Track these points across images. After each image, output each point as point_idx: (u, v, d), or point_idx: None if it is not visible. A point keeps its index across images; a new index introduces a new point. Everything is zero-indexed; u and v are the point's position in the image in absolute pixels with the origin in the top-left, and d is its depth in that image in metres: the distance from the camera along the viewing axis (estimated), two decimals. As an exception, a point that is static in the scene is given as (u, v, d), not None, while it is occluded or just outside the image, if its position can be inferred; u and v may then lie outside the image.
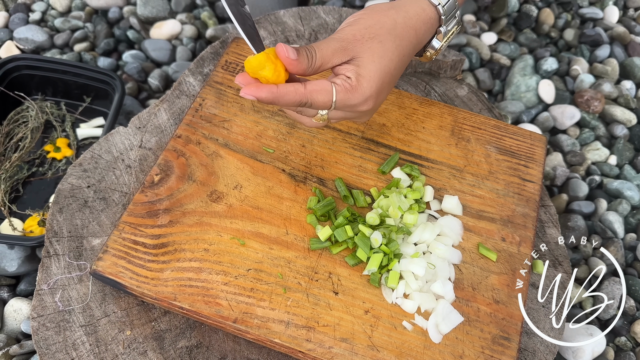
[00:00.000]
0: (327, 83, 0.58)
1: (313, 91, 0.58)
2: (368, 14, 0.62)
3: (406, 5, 0.64)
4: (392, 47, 0.61)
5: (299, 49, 0.57)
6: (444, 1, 0.65)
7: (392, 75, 0.62)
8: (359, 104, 0.60)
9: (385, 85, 0.62)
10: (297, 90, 0.57)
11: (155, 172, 0.73)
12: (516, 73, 1.21)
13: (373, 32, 0.60)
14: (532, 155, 0.80)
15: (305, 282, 0.67)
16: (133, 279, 0.66)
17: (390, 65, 0.61)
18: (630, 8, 1.38)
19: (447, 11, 0.65)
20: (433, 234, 0.70)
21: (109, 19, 1.26)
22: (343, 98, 0.59)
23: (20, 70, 1.02)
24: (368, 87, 0.59)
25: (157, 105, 0.84)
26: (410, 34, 0.63)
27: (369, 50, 0.59)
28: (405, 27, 0.62)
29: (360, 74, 0.59)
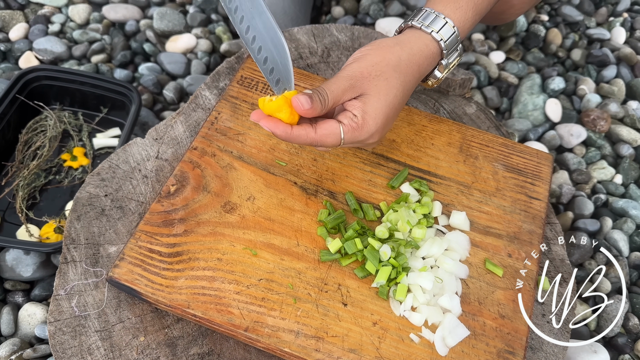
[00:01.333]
0: (336, 126, 0.63)
1: (323, 135, 0.64)
2: (374, 50, 0.66)
3: (410, 41, 0.68)
4: (397, 83, 0.65)
5: (312, 97, 0.62)
6: (446, 37, 0.68)
7: (396, 108, 0.66)
8: (366, 139, 0.66)
9: (390, 119, 0.67)
10: (308, 134, 0.64)
11: (172, 183, 0.76)
12: (524, 91, 1.23)
13: (379, 69, 0.64)
14: (539, 173, 0.82)
15: (315, 293, 0.68)
16: (148, 286, 0.68)
17: (394, 101, 0.65)
18: (637, 29, 1.40)
19: (449, 46, 0.69)
20: (441, 249, 0.72)
21: (125, 32, 1.29)
22: (350, 137, 0.64)
23: (39, 80, 1.05)
24: (374, 124, 0.64)
25: (173, 117, 0.87)
26: (413, 69, 0.67)
27: (376, 87, 0.64)
28: (409, 64, 0.66)
29: (366, 111, 0.64)
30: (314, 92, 0.63)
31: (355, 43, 0.97)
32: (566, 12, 1.39)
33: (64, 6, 1.33)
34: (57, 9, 1.33)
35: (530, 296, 0.71)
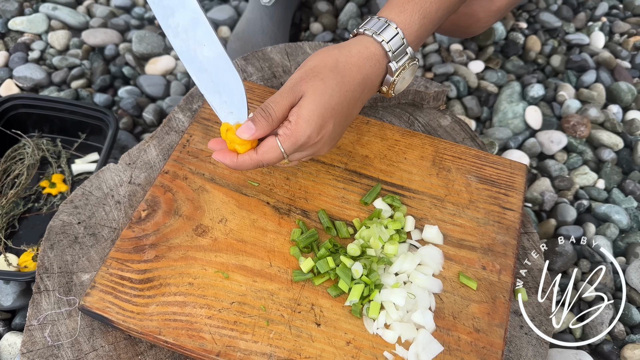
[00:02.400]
0: (272, 140, 0.64)
1: (263, 153, 0.65)
2: (314, 55, 0.67)
3: (350, 44, 0.68)
4: (333, 83, 0.65)
5: (256, 117, 0.64)
6: (388, 38, 0.68)
7: (334, 109, 0.66)
8: (305, 142, 0.65)
9: (329, 119, 0.66)
10: (251, 158, 0.66)
11: (143, 208, 0.76)
12: (503, 100, 1.23)
13: (317, 70, 0.65)
14: (512, 183, 0.82)
15: (288, 314, 0.68)
16: (119, 313, 0.67)
17: (330, 101, 0.65)
18: (615, 33, 1.40)
19: (393, 48, 0.68)
20: (413, 264, 0.71)
21: (105, 56, 1.30)
22: (289, 145, 0.64)
23: (17, 109, 1.05)
24: (307, 126, 0.64)
25: (147, 141, 0.87)
26: (352, 70, 0.67)
27: (312, 87, 0.64)
28: (346, 64, 0.67)
29: (299, 115, 0.64)
30: (257, 110, 0.64)
31: (328, 60, 0.97)
32: (544, 19, 1.40)
33: (44, 33, 1.34)
34: (37, 36, 1.34)
35: (505, 309, 0.71)
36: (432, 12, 0.70)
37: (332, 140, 0.69)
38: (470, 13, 0.93)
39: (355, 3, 1.39)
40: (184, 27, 0.69)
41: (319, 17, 1.38)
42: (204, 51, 0.68)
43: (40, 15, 1.35)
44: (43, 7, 1.36)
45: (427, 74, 1.28)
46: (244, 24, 1.28)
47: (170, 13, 0.69)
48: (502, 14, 0.95)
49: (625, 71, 1.30)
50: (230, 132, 0.66)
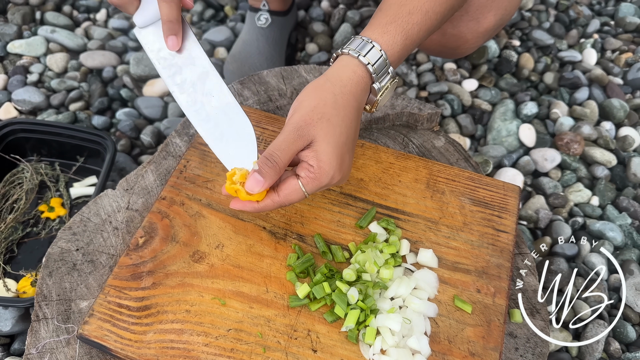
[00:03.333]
0: (295, 182, 0.65)
1: (286, 195, 0.66)
2: (309, 94, 0.68)
3: (339, 72, 0.69)
4: (339, 120, 0.66)
5: (263, 168, 0.64)
6: (373, 60, 0.69)
7: (346, 144, 0.67)
8: (328, 182, 0.67)
9: (345, 155, 0.67)
10: (274, 201, 0.67)
11: (140, 235, 0.76)
12: (497, 118, 1.24)
13: (319, 112, 0.66)
14: (506, 205, 0.83)
15: (285, 341, 0.69)
16: (117, 341, 0.68)
17: (341, 139, 0.66)
18: (607, 50, 1.42)
19: (377, 69, 0.69)
20: (409, 288, 0.72)
21: (103, 78, 1.31)
22: (312, 186, 0.66)
23: (16, 133, 1.06)
24: (330, 168, 0.65)
25: (144, 166, 0.88)
26: (350, 100, 0.68)
27: (322, 131, 0.65)
28: (343, 96, 0.68)
29: (320, 159, 0.65)
30: (262, 161, 0.64)
31: (323, 83, 0.99)
32: (537, 37, 1.42)
33: (42, 55, 1.36)
34: (35, 59, 1.35)
35: (500, 332, 0.71)
36: (414, 33, 0.71)
37: (349, 169, 0.71)
38: (458, 35, 0.94)
39: (350, 24, 1.41)
40: (191, 82, 0.72)
41: (315, 37, 1.40)
42: (212, 101, 0.71)
43: (39, 38, 1.37)
44: (41, 30, 1.38)
45: (422, 92, 1.30)
46: (241, 45, 1.30)
47: (178, 71, 0.72)
48: (489, 36, 0.96)
49: (617, 88, 1.32)
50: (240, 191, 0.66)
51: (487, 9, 0.91)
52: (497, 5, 0.91)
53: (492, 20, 0.92)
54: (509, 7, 0.93)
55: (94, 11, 1.48)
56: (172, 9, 0.69)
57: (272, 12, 1.30)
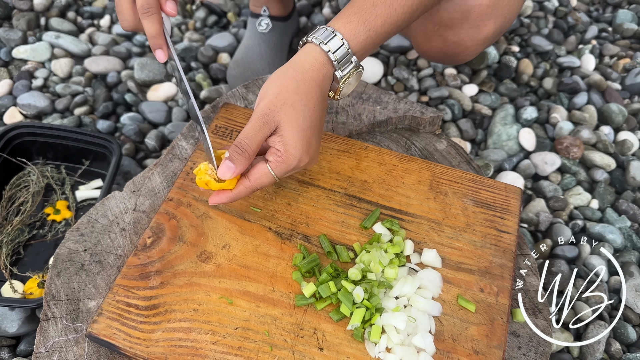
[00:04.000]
0: (264, 166, 0.70)
1: (257, 179, 0.70)
2: (273, 81, 0.71)
3: (301, 60, 0.72)
4: (302, 105, 0.69)
5: (233, 155, 0.68)
6: (334, 48, 0.71)
7: (311, 127, 0.70)
8: (296, 165, 0.70)
9: (311, 139, 0.71)
10: (246, 186, 0.70)
11: (148, 235, 0.77)
12: (497, 122, 1.26)
13: (282, 98, 0.69)
14: (508, 207, 0.84)
15: (291, 339, 0.69)
16: (126, 340, 0.69)
17: (306, 122, 0.69)
18: (605, 56, 1.44)
19: (339, 58, 0.72)
20: (413, 288, 0.73)
21: (107, 83, 1.32)
22: (281, 169, 0.70)
23: (22, 137, 1.07)
24: (296, 151, 0.69)
25: (151, 169, 0.89)
26: (312, 85, 0.71)
27: (286, 116, 0.68)
28: (305, 82, 0.70)
29: (286, 143, 0.68)
30: (232, 149, 0.68)
31: (327, 87, 1.00)
32: (536, 42, 1.43)
33: (47, 61, 1.37)
34: (40, 64, 1.37)
35: (503, 330, 0.72)
36: (378, 25, 0.73)
37: (317, 153, 0.74)
38: (458, 42, 0.96)
39: (352, 29, 1.42)
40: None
41: (317, 43, 1.41)
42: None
43: (44, 44, 1.38)
44: (46, 36, 1.39)
45: (423, 97, 1.31)
46: (243, 50, 1.31)
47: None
48: (489, 42, 0.98)
49: (615, 93, 1.33)
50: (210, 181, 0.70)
51: (487, 17, 0.92)
52: (497, 14, 0.92)
53: (492, 27, 0.94)
54: (508, 15, 0.95)
55: (98, 17, 1.50)
56: (154, 24, 0.73)
57: (273, 18, 1.32)
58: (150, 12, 0.73)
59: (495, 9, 0.91)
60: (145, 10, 0.73)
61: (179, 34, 1.46)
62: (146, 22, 0.73)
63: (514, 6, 0.94)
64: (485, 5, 0.90)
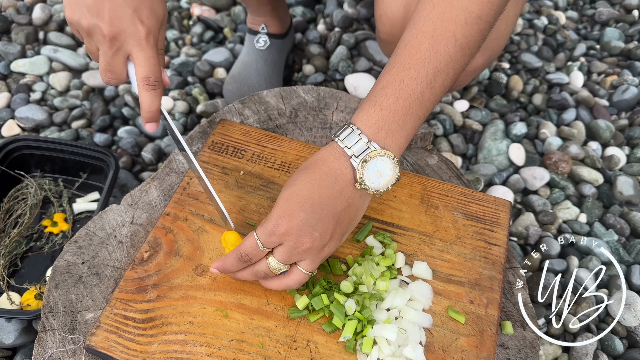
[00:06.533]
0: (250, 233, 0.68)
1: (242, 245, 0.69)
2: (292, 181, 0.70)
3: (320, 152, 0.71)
4: (302, 176, 0.68)
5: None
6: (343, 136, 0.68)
7: (301, 197, 0.66)
8: (274, 229, 0.65)
9: (297, 207, 0.65)
10: (231, 252, 0.70)
11: (145, 249, 0.79)
12: (487, 138, 1.28)
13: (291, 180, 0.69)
14: (497, 219, 0.86)
15: (285, 351, 0.71)
16: (123, 352, 0.70)
17: (298, 190, 0.66)
18: (593, 73, 1.47)
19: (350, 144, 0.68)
20: (404, 300, 0.75)
21: (105, 97, 1.34)
22: (262, 232, 0.66)
23: (20, 150, 1.09)
24: (274, 212, 0.66)
25: (148, 182, 0.91)
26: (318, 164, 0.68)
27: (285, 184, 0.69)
28: (315, 162, 0.69)
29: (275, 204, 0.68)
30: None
31: (321, 103, 1.03)
32: (526, 59, 1.47)
33: (45, 74, 1.39)
34: (38, 78, 1.39)
35: (492, 341, 0.74)
36: (390, 103, 0.68)
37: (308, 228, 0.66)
38: None
39: (346, 46, 1.45)
40: None
41: (311, 59, 1.44)
42: None
43: (42, 58, 1.40)
44: (44, 50, 1.42)
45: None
46: (240, 66, 1.34)
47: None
48: (478, 73, 1.01)
49: (603, 109, 1.37)
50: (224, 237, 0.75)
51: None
52: (485, 47, 0.95)
53: (480, 61, 0.97)
54: (496, 48, 0.98)
55: (96, 32, 1.52)
56: (154, 100, 0.72)
57: (271, 35, 1.34)
58: (156, 86, 0.70)
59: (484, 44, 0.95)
60: (152, 84, 0.70)
61: (175, 49, 1.48)
62: (148, 96, 0.70)
63: (502, 39, 0.98)
64: None
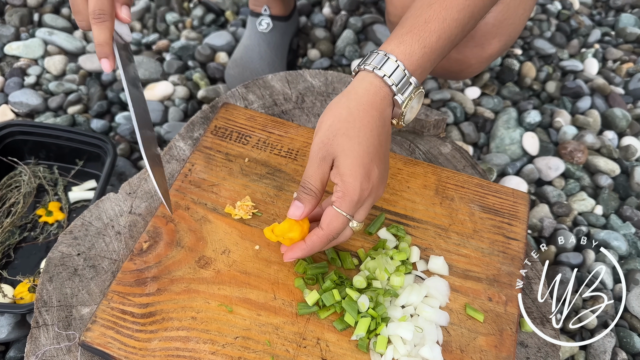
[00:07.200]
0: (330, 209, 0.65)
1: (328, 225, 0.65)
2: (326, 113, 0.67)
3: (355, 86, 0.67)
4: (356, 131, 0.64)
5: (300, 195, 0.66)
6: (389, 71, 0.66)
7: (368, 153, 0.64)
8: (360, 196, 0.64)
9: (369, 164, 0.65)
10: (319, 235, 0.65)
11: (144, 240, 0.74)
12: (500, 126, 1.24)
13: (335, 129, 0.65)
14: (516, 213, 0.82)
15: (294, 349, 0.67)
16: (121, 349, 0.66)
17: (361, 148, 0.64)
18: (609, 60, 1.42)
19: (396, 80, 0.67)
20: (420, 296, 0.71)
21: (102, 82, 1.29)
22: (348, 205, 0.64)
23: (13, 136, 1.04)
24: (354, 180, 0.63)
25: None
26: (367, 109, 0.66)
27: (339, 147, 0.64)
28: (359, 107, 0.66)
29: (342, 173, 0.64)
30: (299, 191, 0.66)
31: (329, 88, 0.98)
32: (539, 46, 1.42)
33: (40, 58, 1.33)
34: (33, 61, 1.33)
35: (512, 341, 0.70)
36: (433, 41, 0.69)
37: (383, 180, 0.68)
38: (462, 59, 0.94)
39: (353, 30, 1.40)
40: None
41: (317, 43, 1.39)
42: None
43: (37, 40, 1.35)
44: (39, 32, 1.36)
45: (424, 100, 1.29)
46: (242, 50, 1.28)
47: None
48: (492, 60, 0.96)
49: (619, 97, 1.32)
50: (276, 229, 0.66)
51: (492, 36, 0.91)
52: (502, 32, 0.91)
53: (496, 46, 0.93)
54: (513, 34, 0.93)
55: (93, 14, 1.46)
56: (103, 32, 0.69)
57: (274, 17, 1.29)
58: (102, 18, 0.68)
59: (500, 28, 0.90)
60: (97, 17, 0.68)
61: (175, 32, 1.43)
62: (95, 29, 0.69)
63: (519, 24, 0.93)
64: (491, 24, 0.89)
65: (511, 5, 0.88)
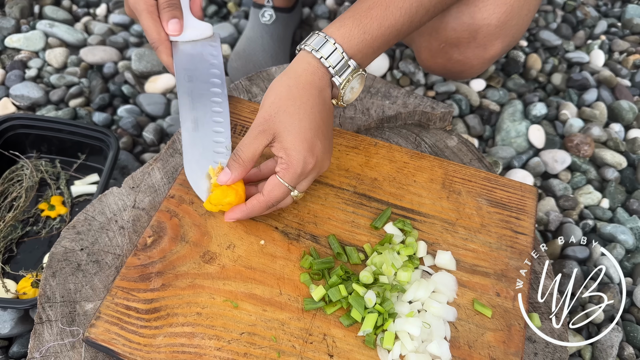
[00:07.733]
0: (273, 177, 0.69)
1: (269, 192, 0.69)
2: (268, 91, 0.71)
3: (294, 66, 0.71)
4: (295, 108, 0.68)
5: (229, 163, 0.70)
6: (327, 54, 0.69)
7: (310, 129, 0.69)
8: (304, 169, 0.69)
9: (313, 139, 0.69)
10: (259, 200, 0.70)
11: (148, 234, 0.74)
12: (506, 119, 1.22)
13: (276, 106, 0.68)
14: (524, 207, 0.81)
15: (300, 345, 0.66)
16: (126, 345, 0.65)
17: (303, 124, 0.68)
18: (615, 52, 1.41)
19: (334, 63, 0.70)
20: (427, 292, 0.70)
21: (104, 74, 1.28)
22: (291, 176, 0.69)
23: (15, 129, 1.03)
24: (298, 153, 0.68)
25: (150, 164, 0.85)
26: (306, 87, 0.69)
27: (281, 123, 0.68)
28: (298, 86, 0.69)
29: (286, 147, 0.68)
30: (230, 158, 0.70)
31: (334, 80, 0.96)
32: (544, 37, 1.40)
33: (41, 50, 1.32)
34: (34, 54, 1.32)
35: (521, 337, 0.69)
36: (374, 28, 0.71)
37: (327, 154, 0.72)
38: (463, 61, 0.94)
39: (357, 21, 1.38)
40: None
41: (320, 35, 1.37)
42: None
43: (38, 33, 1.33)
44: (40, 25, 1.35)
45: (429, 92, 1.28)
46: (245, 42, 1.27)
47: None
48: (494, 60, 0.95)
49: (625, 89, 1.30)
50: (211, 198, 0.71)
51: (495, 37, 0.90)
52: (505, 33, 0.90)
53: (499, 47, 0.92)
54: (516, 35, 0.93)
55: (94, 6, 1.45)
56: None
57: (277, 9, 1.28)
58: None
59: (503, 29, 0.89)
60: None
61: (177, 24, 1.41)
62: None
63: (523, 25, 0.92)
64: (494, 26, 0.88)
65: (515, 6, 0.87)
